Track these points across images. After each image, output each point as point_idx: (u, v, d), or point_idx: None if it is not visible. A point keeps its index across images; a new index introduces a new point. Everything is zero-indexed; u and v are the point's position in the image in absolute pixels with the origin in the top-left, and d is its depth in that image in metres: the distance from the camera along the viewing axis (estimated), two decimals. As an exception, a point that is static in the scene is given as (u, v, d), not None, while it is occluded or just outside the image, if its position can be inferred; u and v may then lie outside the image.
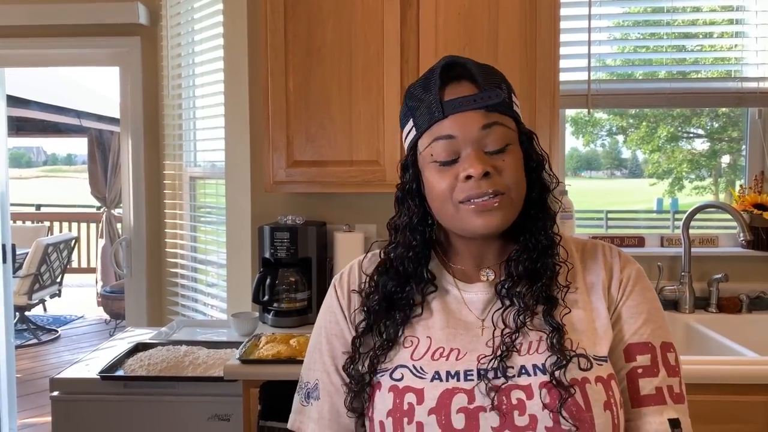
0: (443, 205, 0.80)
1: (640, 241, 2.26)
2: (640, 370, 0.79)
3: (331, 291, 0.92)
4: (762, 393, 1.47)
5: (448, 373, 0.77)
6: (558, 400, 0.72)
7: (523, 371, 0.75)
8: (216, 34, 2.34)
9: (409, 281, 0.84)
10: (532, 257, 0.80)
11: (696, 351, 1.86)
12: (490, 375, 0.75)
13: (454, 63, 0.80)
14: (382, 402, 0.79)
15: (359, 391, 0.82)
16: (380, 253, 0.89)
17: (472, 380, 0.76)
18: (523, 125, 0.83)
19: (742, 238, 1.96)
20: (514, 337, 0.77)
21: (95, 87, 6.61)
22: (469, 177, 0.76)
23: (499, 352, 0.76)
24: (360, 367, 0.83)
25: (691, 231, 2.10)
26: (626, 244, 2.26)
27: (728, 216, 2.05)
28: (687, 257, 2.07)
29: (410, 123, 0.83)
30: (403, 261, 0.85)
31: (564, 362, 0.73)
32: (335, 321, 0.89)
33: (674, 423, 0.78)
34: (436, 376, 0.77)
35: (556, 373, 0.73)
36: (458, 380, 0.76)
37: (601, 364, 0.76)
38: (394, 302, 0.84)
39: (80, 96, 5.95)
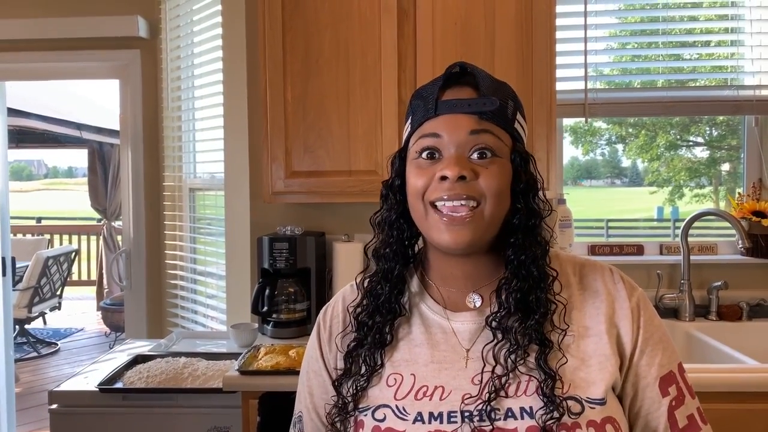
0: (415, 203, 0.78)
1: (639, 249, 2.26)
2: (673, 403, 0.79)
3: (314, 332, 0.90)
4: (763, 401, 1.47)
5: (431, 414, 0.74)
6: None
7: (510, 414, 0.72)
8: (215, 46, 2.36)
9: (391, 304, 0.81)
10: (523, 289, 0.76)
11: (696, 359, 1.86)
12: (475, 418, 0.72)
13: (464, 69, 0.79)
14: None
15: (343, 421, 0.80)
16: (360, 283, 0.86)
17: (456, 422, 0.73)
18: (521, 146, 0.79)
19: (741, 246, 1.96)
20: (504, 379, 0.73)
21: (95, 99, 6.64)
22: (444, 178, 0.74)
23: (486, 396, 0.72)
24: (344, 400, 0.81)
25: (690, 239, 2.10)
26: (625, 252, 2.26)
27: (727, 224, 2.05)
28: (686, 265, 2.07)
29: (409, 120, 0.83)
30: (383, 260, 0.83)
31: (557, 416, 0.69)
32: (317, 371, 0.88)
33: None
34: (419, 418, 0.74)
35: (548, 426, 0.70)
36: (441, 422, 0.73)
37: (594, 408, 0.72)
38: (375, 333, 0.81)
39: (80, 108, 5.98)
